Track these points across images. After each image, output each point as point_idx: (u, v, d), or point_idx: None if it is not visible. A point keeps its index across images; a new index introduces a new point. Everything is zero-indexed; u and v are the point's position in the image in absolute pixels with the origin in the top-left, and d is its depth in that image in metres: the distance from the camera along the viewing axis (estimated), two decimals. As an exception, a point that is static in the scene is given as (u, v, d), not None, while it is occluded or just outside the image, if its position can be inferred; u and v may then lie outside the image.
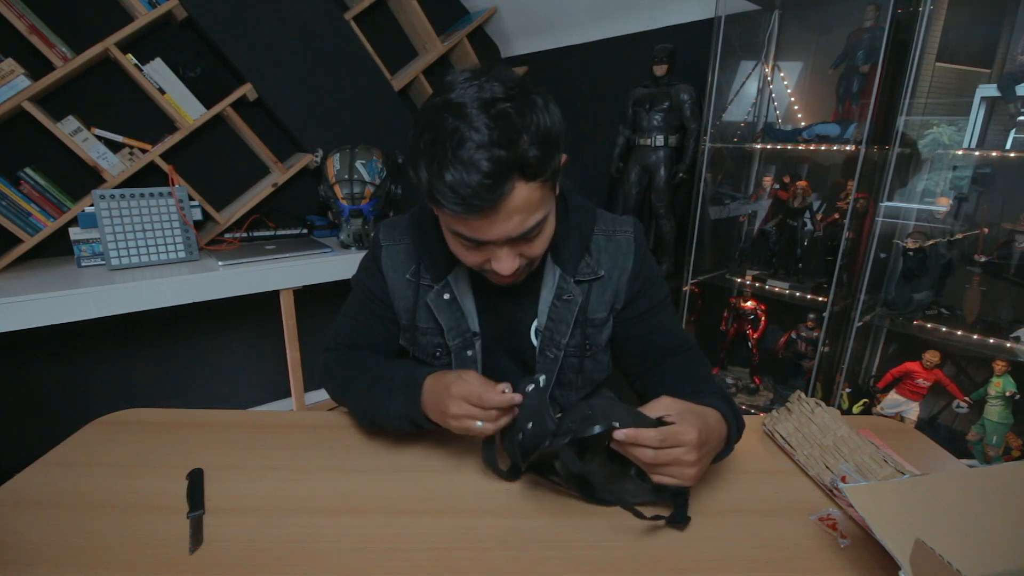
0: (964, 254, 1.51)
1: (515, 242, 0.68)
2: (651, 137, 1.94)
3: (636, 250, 0.85)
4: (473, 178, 0.59)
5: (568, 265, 0.82)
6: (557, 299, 0.82)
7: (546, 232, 0.72)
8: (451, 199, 0.61)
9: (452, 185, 0.60)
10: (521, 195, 0.63)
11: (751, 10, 1.78)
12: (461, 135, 0.59)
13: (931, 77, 1.52)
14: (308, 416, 0.92)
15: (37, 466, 0.75)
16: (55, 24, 1.72)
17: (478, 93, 0.61)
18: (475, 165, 0.59)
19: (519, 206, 0.64)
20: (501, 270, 0.70)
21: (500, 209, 0.63)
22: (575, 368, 0.87)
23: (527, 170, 0.61)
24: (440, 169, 0.60)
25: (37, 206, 1.72)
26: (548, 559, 0.60)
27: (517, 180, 0.62)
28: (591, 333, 0.86)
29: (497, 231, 0.65)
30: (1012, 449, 1.43)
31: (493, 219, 0.64)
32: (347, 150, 1.93)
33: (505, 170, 0.60)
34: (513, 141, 0.59)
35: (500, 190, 0.61)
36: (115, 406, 0.93)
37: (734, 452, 0.81)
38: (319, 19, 2.02)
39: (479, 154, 0.59)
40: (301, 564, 0.59)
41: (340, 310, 0.95)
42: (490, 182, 0.59)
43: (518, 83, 0.63)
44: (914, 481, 0.59)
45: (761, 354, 1.95)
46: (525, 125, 0.60)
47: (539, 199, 0.65)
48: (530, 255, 0.71)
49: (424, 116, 0.64)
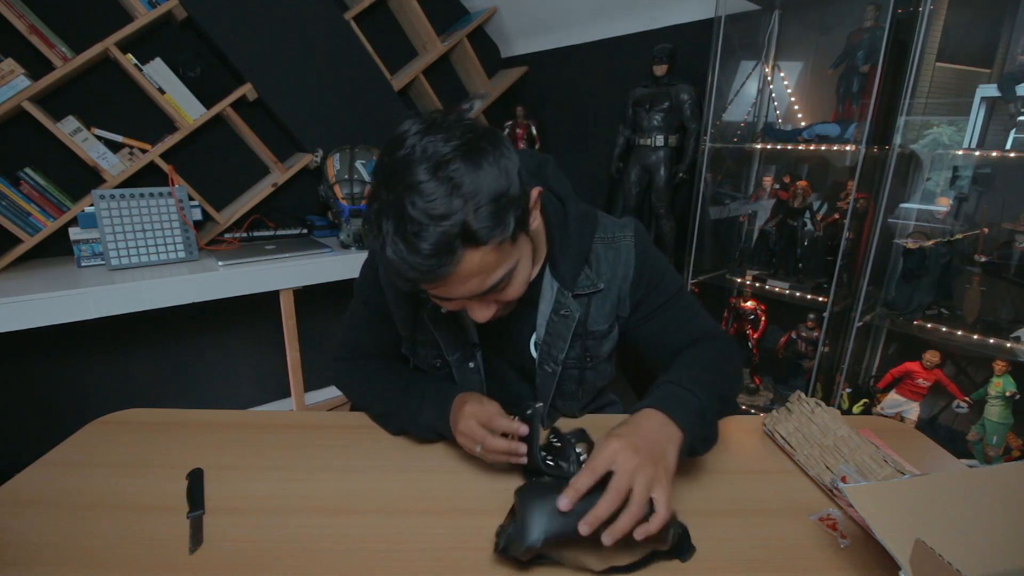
0: (964, 254, 1.51)
1: (485, 294, 0.65)
2: (651, 137, 1.94)
3: (637, 256, 0.82)
4: (413, 259, 0.57)
5: (567, 279, 0.79)
6: (555, 314, 0.80)
7: (518, 279, 0.68)
8: (395, 275, 0.60)
9: (393, 262, 0.58)
10: (473, 261, 0.60)
11: (751, 10, 1.78)
12: (402, 209, 0.56)
13: (931, 77, 1.52)
14: (308, 416, 0.92)
15: (37, 466, 0.75)
16: (55, 24, 1.72)
17: (423, 153, 0.57)
18: (415, 245, 0.56)
19: (473, 271, 0.60)
20: (476, 319, 0.69)
21: (452, 278, 0.60)
22: (575, 379, 0.86)
23: (475, 238, 0.58)
24: (383, 244, 0.59)
25: (37, 206, 1.72)
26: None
27: (466, 249, 0.58)
28: (591, 345, 0.84)
29: (456, 293, 0.63)
30: (1012, 449, 1.43)
31: (447, 286, 0.62)
32: (347, 150, 1.93)
33: (449, 244, 0.57)
34: (457, 210, 0.56)
35: (446, 265, 0.58)
36: (115, 406, 0.93)
37: (734, 452, 0.81)
38: (319, 19, 2.02)
39: (420, 233, 0.56)
40: (301, 564, 0.59)
41: (340, 310, 0.96)
42: (433, 261, 0.57)
43: (467, 135, 0.59)
44: (914, 481, 0.59)
45: (761, 354, 1.95)
46: (471, 190, 0.57)
47: (496, 260, 0.62)
48: (504, 300, 0.69)
49: (376, 175, 0.61)
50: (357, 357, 0.93)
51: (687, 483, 0.74)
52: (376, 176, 0.61)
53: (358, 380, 0.90)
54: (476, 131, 0.60)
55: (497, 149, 0.60)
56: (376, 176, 0.61)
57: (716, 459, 0.80)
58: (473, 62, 2.52)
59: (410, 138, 0.58)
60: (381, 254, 0.60)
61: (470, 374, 0.85)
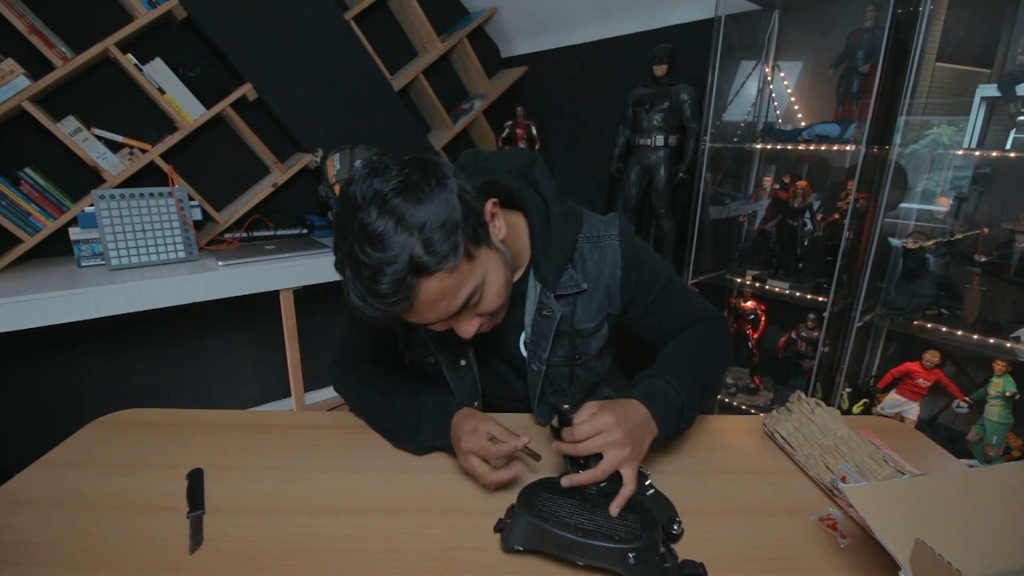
0: (964, 254, 1.51)
1: (460, 312, 0.67)
2: (651, 137, 1.94)
3: (623, 254, 0.82)
4: (374, 300, 0.62)
5: (549, 280, 0.79)
6: (538, 314, 0.81)
7: (490, 291, 0.69)
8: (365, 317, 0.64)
9: (359, 306, 0.63)
10: (431, 288, 0.62)
11: (751, 10, 1.78)
12: (355, 256, 0.60)
13: (931, 77, 1.52)
14: (308, 416, 0.92)
15: (37, 466, 0.76)
16: (55, 24, 1.72)
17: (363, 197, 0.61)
18: (372, 288, 0.61)
19: (436, 296, 0.63)
20: (462, 335, 0.71)
21: (416, 307, 0.64)
22: (566, 377, 0.87)
23: (425, 269, 0.61)
24: (347, 290, 0.64)
25: (37, 206, 1.72)
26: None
27: (420, 280, 0.61)
28: (580, 344, 0.85)
29: (428, 318, 0.66)
30: (1012, 449, 1.43)
31: (417, 314, 0.65)
32: (347, 150, 1.93)
33: (402, 281, 0.60)
34: (403, 247, 0.59)
35: (405, 300, 0.62)
36: (115, 406, 0.93)
37: (734, 452, 0.81)
38: (319, 19, 2.02)
39: (375, 276, 0.60)
40: (301, 564, 0.59)
41: (340, 310, 0.96)
42: (392, 299, 0.61)
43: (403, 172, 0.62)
44: (914, 481, 0.59)
45: (761, 354, 1.95)
46: (413, 223, 0.60)
47: (456, 281, 0.64)
48: (486, 312, 0.71)
49: (334, 224, 0.65)
50: (356, 362, 0.92)
51: (687, 483, 0.74)
52: (334, 225, 0.65)
53: (357, 389, 0.90)
54: (411, 166, 0.63)
55: (432, 179, 0.62)
56: (334, 225, 0.65)
57: (716, 459, 0.80)
58: (473, 62, 2.52)
59: (355, 184, 0.62)
60: (348, 297, 0.64)
61: (462, 371, 0.85)
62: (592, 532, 0.58)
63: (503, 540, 0.61)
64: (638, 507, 0.63)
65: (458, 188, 0.64)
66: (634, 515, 0.61)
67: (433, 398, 0.80)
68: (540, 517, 0.59)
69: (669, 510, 0.65)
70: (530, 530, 0.59)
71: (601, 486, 0.65)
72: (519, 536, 0.59)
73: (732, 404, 1.92)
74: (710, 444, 0.83)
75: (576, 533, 0.57)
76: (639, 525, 0.59)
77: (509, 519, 0.62)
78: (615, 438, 0.64)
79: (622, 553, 0.56)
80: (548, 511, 0.61)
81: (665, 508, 0.65)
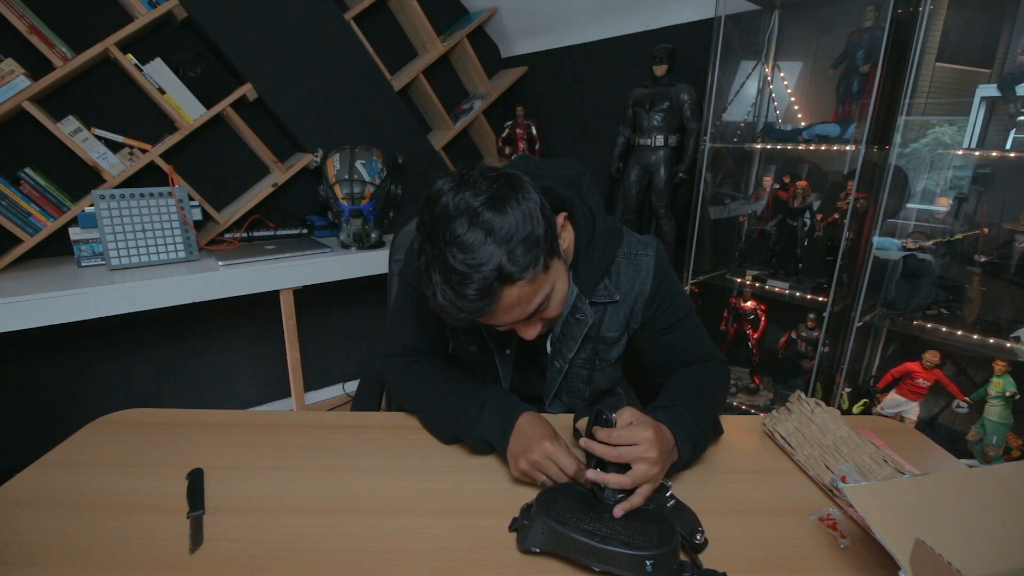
0: (964, 254, 1.51)
1: (529, 317, 0.73)
2: (651, 137, 1.94)
3: (655, 276, 0.87)
4: (461, 303, 0.66)
5: (587, 287, 0.84)
6: (571, 316, 0.85)
7: (556, 298, 0.75)
8: (447, 316, 0.68)
9: (444, 307, 0.67)
10: (512, 295, 0.67)
11: (751, 10, 1.78)
12: (445, 261, 0.64)
13: (931, 77, 1.52)
14: (308, 416, 0.92)
15: (37, 466, 0.75)
16: (55, 24, 1.72)
17: (455, 208, 0.65)
18: (461, 291, 0.65)
19: (514, 303, 0.69)
20: (525, 337, 0.76)
21: (496, 311, 0.68)
22: (584, 379, 0.91)
23: (510, 278, 0.66)
24: (433, 292, 0.67)
25: (37, 206, 1.71)
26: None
27: (504, 287, 0.66)
28: (601, 349, 0.90)
29: (502, 321, 0.72)
30: (1012, 449, 1.43)
31: (494, 317, 0.70)
32: (347, 150, 1.93)
33: (488, 287, 0.65)
34: (492, 256, 0.64)
35: (488, 304, 0.66)
36: (115, 406, 0.93)
37: (734, 452, 0.81)
38: (319, 19, 2.02)
39: (464, 281, 0.64)
40: (301, 564, 0.59)
41: (340, 310, 0.96)
42: (478, 304, 0.66)
43: (492, 187, 0.66)
44: (914, 481, 0.59)
45: (761, 354, 1.95)
46: (502, 236, 0.64)
47: (532, 290, 0.69)
48: (548, 317, 0.76)
49: (420, 230, 0.69)
50: (408, 353, 0.93)
51: (687, 483, 0.74)
52: (420, 231, 0.69)
53: (412, 381, 0.90)
54: (499, 181, 0.67)
55: (519, 193, 0.67)
56: (420, 231, 0.69)
57: (716, 459, 0.80)
58: (473, 62, 2.52)
59: (444, 196, 0.66)
60: (433, 299, 0.68)
61: (506, 361, 0.90)
62: (610, 538, 0.58)
63: (519, 540, 0.61)
64: (657, 517, 0.63)
65: (540, 203, 0.69)
66: (653, 524, 0.61)
67: (499, 395, 0.82)
68: (559, 521, 0.59)
69: (692, 520, 0.65)
70: (548, 532, 0.59)
71: (619, 497, 0.65)
72: (536, 538, 0.59)
73: (732, 404, 1.92)
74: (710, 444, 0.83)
75: (594, 539, 0.57)
76: (657, 534, 0.59)
77: (526, 520, 0.62)
78: (651, 455, 0.65)
79: (639, 560, 0.55)
80: (566, 515, 0.61)
81: (688, 518, 0.65)
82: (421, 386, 0.88)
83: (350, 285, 1.99)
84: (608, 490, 0.65)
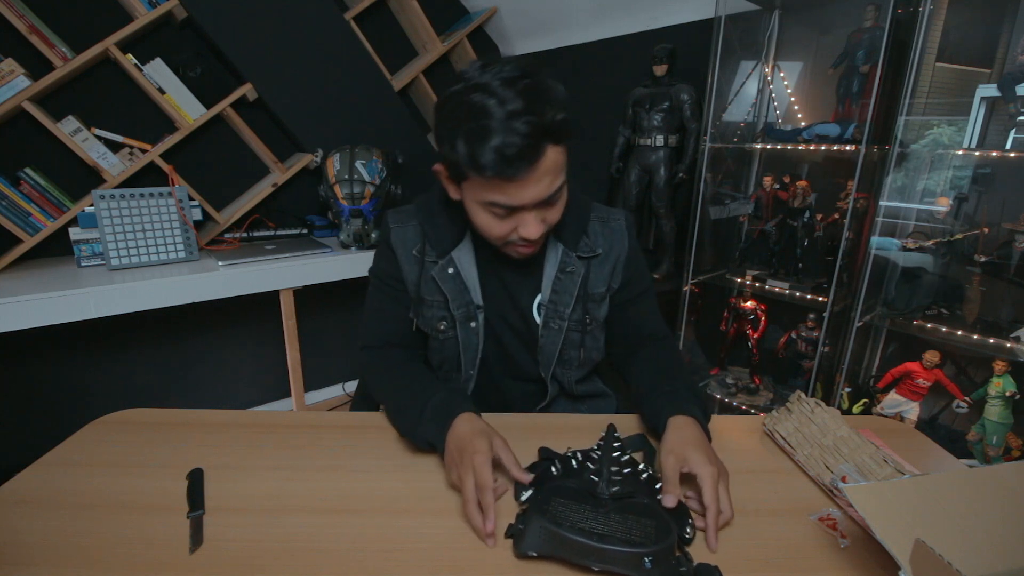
0: (964, 254, 1.51)
1: (540, 207, 0.75)
2: (651, 137, 1.94)
3: (629, 238, 0.93)
4: (515, 140, 0.66)
5: (570, 242, 0.88)
6: (561, 272, 0.88)
7: (563, 197, 0.78)
8: (496, 163, 0.68)
9: (497, 148, 0.67)
10: (551, 158, 0.70)
11: (751, 10, 1.78)
12: (498, 107, 0.67)
13: (931, 77, 1.52)
14: (308, 416, 0.92)
15: (37, 466, 0.75)
16: (55, 24, 1.72)
17: (499, 75, 0.68)
18: (516, 131, 0.66)
19: (549, 168, 0.71)
20: (530, 235, 0.76)
21: (534, 171, 0.69)
22: (576, 344, 0.92)
23: (555, 134, 0.69)
24: (483, 137, 0.67)
25: (37, 206, 1.71)
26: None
27: (548, 144, 0.69)
28: (591, 308, 0.92)
29: (530, 194, 0.72)
30: (1012, 449, 1.43)
31: (527, 182, 0.70)
32: (347, 150, 1.93)
33: (540, 134, 0.67)
34: (541, 110, 0.67)
35: (538, 152, 0.68)
36: (115, 406, 0.93)
37: (734, 452, 0.82)
38: (319, 19, 2.02)
39: (518, 121, 0.66)
40: (301, 564, 0.59)
41: (340, 310, 0.97)
42: (531, 142, 0.67)
43: (527, 65, 0.71)
44: (914, 481, 0.59)
45: (761, 354, 1.95)
46: (547, 96, 0.69)
47: (562, 162, 0.73)
48: (551, 220, 0.78)
49: (450, 101, 0.71)
50: (381, 346, 0.94)
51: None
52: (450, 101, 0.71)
53: (378, 374, 0.92)
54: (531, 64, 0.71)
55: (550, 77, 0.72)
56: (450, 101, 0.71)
57: (716, 459, 0.80)
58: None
59: (476, 73, 0.70)
60: (479, 148, 0.67)
61: (471, 335, 0.90)
62: (607, 537, 0.57)
63: (516, 546, 0.60)
64: (652, 511, 0.62)
65: None
66: (649, 519, 0.61)
67: (440, 395, 0.80)
68: (554, 522, 0.58)
69: (683, 514, 0.64)
70: (544, 535, 0.58)
71: (614, 491, 0.65)
72: (533, 542, 0.58)
73: (732, 404, 1.92)
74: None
75: (591, 538, 0.57)
76: (654, 529, 0.59)
77: (521, 524, 0.61)
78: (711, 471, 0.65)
79: (638, 557, 0.55)
80: (562, 516, 0.60)
81: (679, 511, 0.65)
82: (384, 383, 0.90)
83: (350, 285, 1.99)
84: (602, 483, 0.65)
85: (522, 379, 0.96)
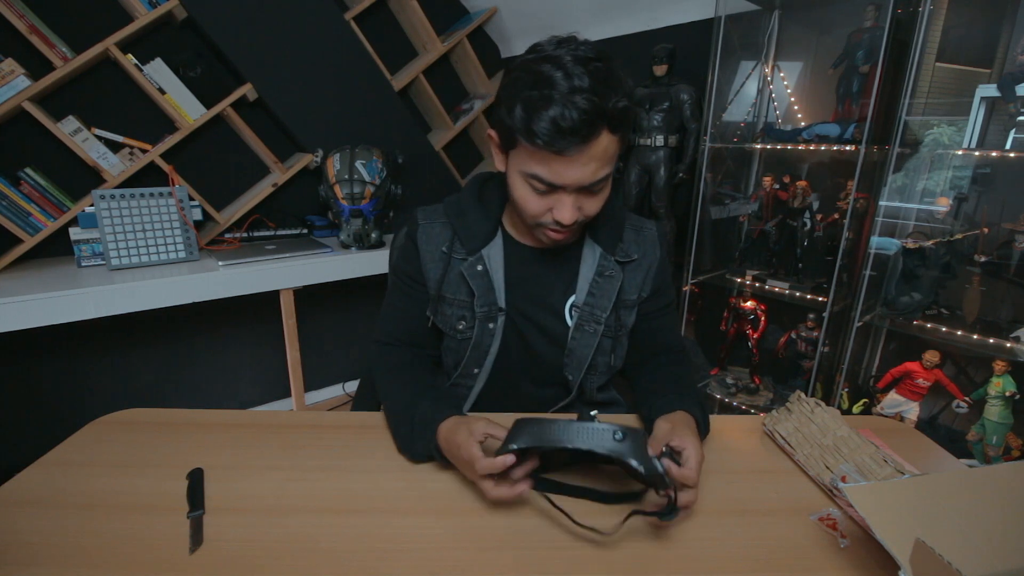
0: (964, 254, 1.51)
1: (581, 193, 0.74)
2: (651, 137, 1.94)
3: (661, 247, 0.93)
4: (573, 114, 0.66)
5: (608, 245, 0.88)
6: (599, 275, 0.87)
7: (605, 191, 0.77)
8: (549, 132, 0.67)
9: (554, 118, 0.66)
10: (603, 143, 0.69)
11: (751, 10, 1.78)
12: (564, 80, 0.67)
13: (931, 77, 1.52)
14: (308, 416, 0.92)
15: (37, 466, 0.75)
16: (55, 24, 1.72)
17: (573, 52, 0.68)
18: (576, 105, 0.66)
19: (598, 154, 0.70)
20: (564, 218, 0.75)
21: (585, 151, 0.69)
22: (607, 350, 0.91)
23: (613, 122, 0.68)
24: (543, 105, 0.67)
25: (37, 206, 1.71)
26: (548, 559, 0.60)
27: (604, 128, 0.68)
28: (623, 313, 0.91)
29: (574, 175, 0.71)
30: (1012, 449, 1.43)
31: (575, 161, 0.70)
32: (347, 150, 1.93)
33: (599, 115, 0.67)
34: (606, 94, 0.67)
35: (593, 131, 0.67)
36: (115, 406, 0.93)
37: (734, 452, 0.82)
38: (319, 19, 2.02)
39: (580, 96, 0.66)
40: (301, 564, 0.59)
41: (341, 310, 0.97)
42: (588, 119, 0.66)
43: (602, 49, 0.70)
44: (914, 481, 0.59)
45: (761, 354, 1.95)
46: (615, 83, 0.68)
47: (613, 152, 0.72)
48: (588, 211, 0.77)
49: (521, 68, 0.71)
50: (391, 343, 0.94)
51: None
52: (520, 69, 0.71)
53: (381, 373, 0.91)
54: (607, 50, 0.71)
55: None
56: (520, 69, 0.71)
57: (716, 459, 0.80)
58: (473, 62, 2.52)
59: (551, 46, 0.70)
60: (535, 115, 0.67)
61: (487, 336, 0.89)
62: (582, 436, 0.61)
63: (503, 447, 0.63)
64: None
65: None
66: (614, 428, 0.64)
67: (424, 405, 0.78)
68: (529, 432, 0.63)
69: None
70: (524, 432, 0.62)
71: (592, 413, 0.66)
72: (515, 438, 0.62)
73: (732, 404, 1.92)
74: (710, 444, 0.83)
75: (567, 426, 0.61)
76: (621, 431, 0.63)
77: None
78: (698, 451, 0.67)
79: (609, 431, 0.60)
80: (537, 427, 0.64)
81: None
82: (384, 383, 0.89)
83: (350, 285, 1.99)
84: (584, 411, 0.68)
85: (540, 382, 0.94)
